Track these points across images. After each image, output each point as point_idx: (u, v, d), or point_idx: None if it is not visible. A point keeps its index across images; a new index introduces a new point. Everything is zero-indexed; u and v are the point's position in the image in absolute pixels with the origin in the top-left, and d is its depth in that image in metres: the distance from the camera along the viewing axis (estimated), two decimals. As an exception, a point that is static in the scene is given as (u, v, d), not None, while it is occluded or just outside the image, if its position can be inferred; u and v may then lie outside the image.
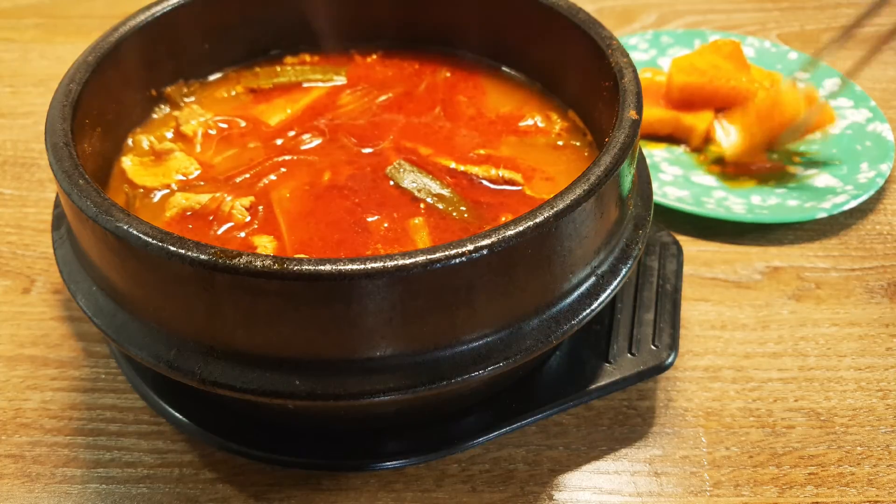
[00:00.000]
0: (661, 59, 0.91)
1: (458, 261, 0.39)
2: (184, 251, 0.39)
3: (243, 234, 0.51)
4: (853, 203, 0.71)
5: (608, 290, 0.47)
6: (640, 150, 0.54)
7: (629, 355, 0.56)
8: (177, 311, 0.43)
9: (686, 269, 0.68)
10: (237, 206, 0.53)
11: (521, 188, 0.55)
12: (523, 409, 0.55)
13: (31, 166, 0.80)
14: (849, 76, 0.80)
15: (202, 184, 0.56)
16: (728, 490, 0.53)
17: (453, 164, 0.57)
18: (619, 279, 0.48)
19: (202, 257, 0.39)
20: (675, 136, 0.81)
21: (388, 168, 0.56)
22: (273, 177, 0.56)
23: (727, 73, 0.80)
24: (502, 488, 0.53)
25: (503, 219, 0.53)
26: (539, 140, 0.60)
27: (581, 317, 0.46)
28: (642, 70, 0.85)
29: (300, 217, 0.52)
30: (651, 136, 0.81)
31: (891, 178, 0.78)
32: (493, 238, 0.40)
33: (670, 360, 0.55)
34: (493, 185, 0.56)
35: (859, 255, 0.71)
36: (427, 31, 0.67)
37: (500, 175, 0.56)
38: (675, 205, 0.72)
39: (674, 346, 0.56)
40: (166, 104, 0.62)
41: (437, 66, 0.67)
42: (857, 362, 0.62)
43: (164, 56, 0.61)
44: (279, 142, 0.59)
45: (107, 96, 0.55)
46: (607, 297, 0.47)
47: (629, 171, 0.49)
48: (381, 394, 0.42)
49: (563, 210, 0.42)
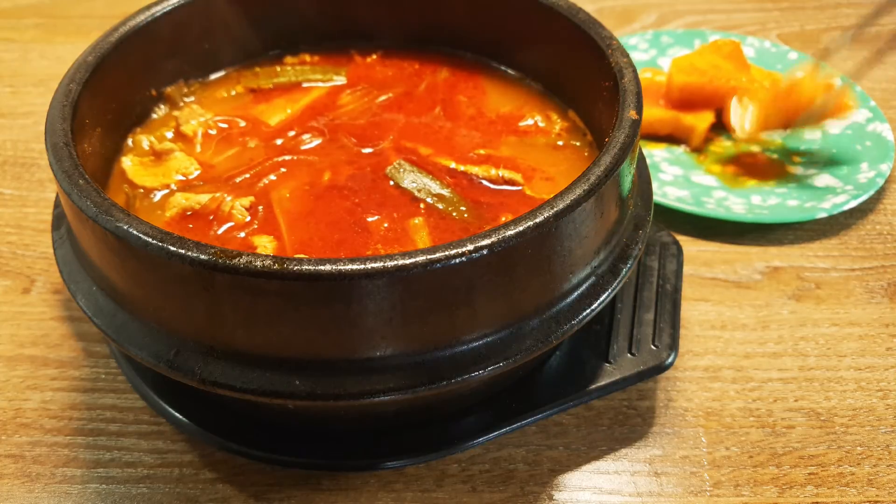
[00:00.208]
0: (661, 59, 0.91)
1: (458, 261, 0.39)
2: (184, 251, 0.39)
3: (243, 234, 0.51)
4: (853, 203, 0.71)
5: (608, 290, 0.47)
6: (640, 150, 0.54)
7: (629, 355, 0.56)
8: (177, 311, 0.43)
9: (686, 269, 0.68)
10: (237, 206, 0.53)
11: (521, 188, 0.55)
12: (523, 409, 0.55)
13: (31, 166, 0.80)
14: (854, 78, 0.79)
15: (202, 184, 0.56)
16: (728, 490, 0.53)
17: (453, 164, 0.57)
18: (619, 279, 0.48)
19: (202, 257, 0.39)
20: (676, 136, 0.81)
21: (388, 168, 0.56)
22: (273, 177, 0.56)
23: (727, 73, 0.80)
24: (502, 488, 0.53)
25: (503, 219, 0.53)
26: (539, 140, 0.60)
27: (581, 317, 0.46)
28: (642, 70, 0.85)
29: (300, 217, 0.52)
30: (651, 136, 0.81)
31: (891, 178, 0.78)
32: (493, 238, 0.40)
33: (670, 360, 0.55)
34: (493, 185, 0.56)
35: (859, 255, 0.71)
36: (427, 31, 0.67)
37: (500, 175, 0.56)
38: (676, 205, 0.72)
39: (674, 346, 0.56)
40: (166, 104, 0.62)
41: (437, 66, 0.67)
42: (857, 362, 0.62)
43: (164, 56, 0.61)
44: (279, 142, 0.59)
45: (107, 96, 0.55)
46: (607, 297, 0.47)
47: (629, 171, 0.49)
48: (381, 394, 0.42)
49: (563, 210, 0.42)
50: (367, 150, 0.58)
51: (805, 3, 1.08)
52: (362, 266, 0.38)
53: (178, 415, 0.54)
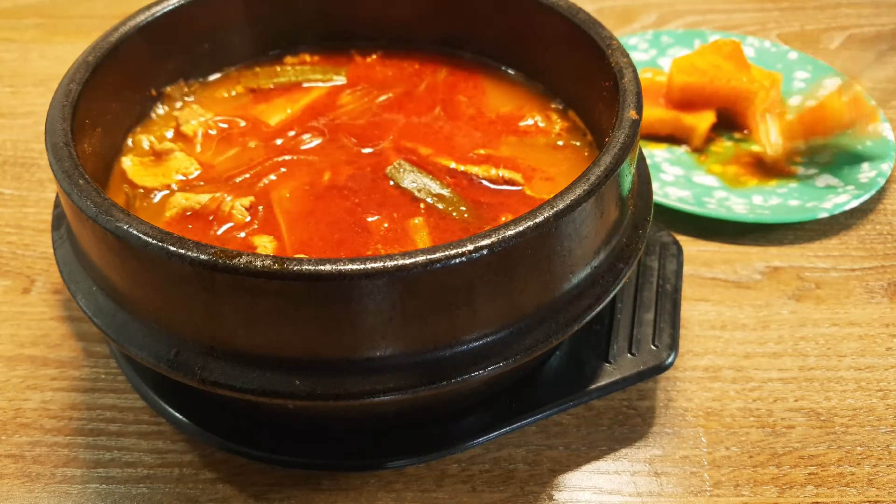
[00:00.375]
0: (661, 59, 0.91)
1: (458, 261, 0.39)
2: (184, 251, 0.39)
3: (243, 234, 0.51)
4: (854, 203, 0.71)
5: (608, 290, 0.47)
6: (640, 150, 0.54)
7: (629, 355, 0.56)
8: (177, 311, 0.43)
9: (686, 269, 0.68)
10: (237, 206, 0.53)
11: (521, 188, 0.55)
12: (523, 409, 0.55)
13: (31, 166, 0.80)
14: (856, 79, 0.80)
15: (202, 184, 0.56)
16: (728, 490, 0.53)
17: (453, 164, 0.57)
18: (619, 279, 0.48)
19: (202, 257, 0.39)
20: (676, 137, 0.81)
21: (388, 168, 0.56)
22: (273, 177, 0.56)
23: (728, 73, 0.80)
24: (502, 488, 0.53)
25: (503, 219, 0.53)
26: (539, 140, 0.60)
27: (581, 317, 0.46)
28: (642, 70, 0.85)
29: (300, 217, 0.52)
30: (652, 137, 0.81)
31: (891, 178, 0.78)
32: (493, 238, 0.40)
33: (670, 360, 0.55)
34: (493, 185, 0.56)
35: (859, 255, 0.71)
36: (427, 31, 0.67)
37: (500, 175, 0.56)
38: (677, 205, 0.72)
39: (674, 346, 0.56)
40: (166, 104, 0.62)
41: (437, 66, 0.67)
42: (857, 362, 0.62)
43: (164, 56, 0.61)
44: (279, 142, 0.59)
45: (107, 96, 0.55)
46: (607, 297, 0.47)
47: (629, 171, 0.49)
48: (381, 394, 0.42)
49: (563, 210, 0.42)
50: (367, 150, 0.58)
51: (805, 3, 1.08)
52: (362, 266, 0.38)
53: (178, 415, 0.54)
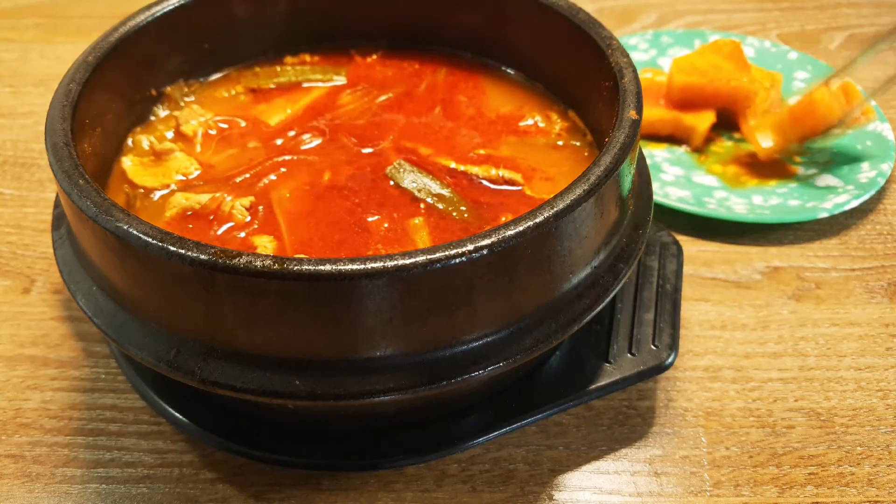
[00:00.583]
0: (661, 59, 0.91)
1: (458, 261, 0.39)
2: (184, 251, 0.39)
3: (243, 234, 0.51)
4: (854, 203, 0.71)
5: (608, 290, 0.47)
6: (640, 150, 0.54)
7: (629, 355, 0.56)
8: (177, 311, 0.43)
9: (686, 269, 0.68)
10: (237, 206, 0.53)
11: (521, 188, 0.55)
12: (523, 409, 0.55)
13: (31, 166, 0.80)
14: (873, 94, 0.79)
15: (202, 184, 0.56)
16: (728, 490, 0.53)
17: (453, 164, 0.57)
18: (619, 279, 0.48)
19: (202, 257, 0.39)
20: (676, 137, 0.81)
21: (388, 168, 0.56)
22: (273, 177, 0.56)
23: (728, 73, 0.79)
24: (502, 488, 0.53)
25: (503, 219, 0.53)
26: (539, 140, 0.60)
27: (581, 317, 0.46)
28: (642, 70, 0.85)
29: (300, 217, 0.52)
30: (652, 137, 0.81)
31: (891, 178, 0.78)
32: (493, 238, 0.40)
33: (670, 360, 0.55)
34: (493, 185, 0.56)
35: (859, 255, 0.71)
36: (427, 31, 0.67)
37: (500, 175, 0.56)
38: (677, 205, 0.72)
39: (674, 346, 0.56)
40: (166, 104, 0.62)
41: (437, 66, 0.67)
42: (857, 362, 0.62)
43: (164, 56, 0.61)
44: (279, 142, 0.59)
45: (107, 96, 0.55)
46: (607, 297, 0.47)
47: (629, 171, 0.49)
48: (381, 394, 0.42)
49: (563, 210, 0.42)
50: (367, 150, 0.58)
51: (805, 3, 1.08)
52: (362, 266, 0.38)
53: (178, 415, 0.54)
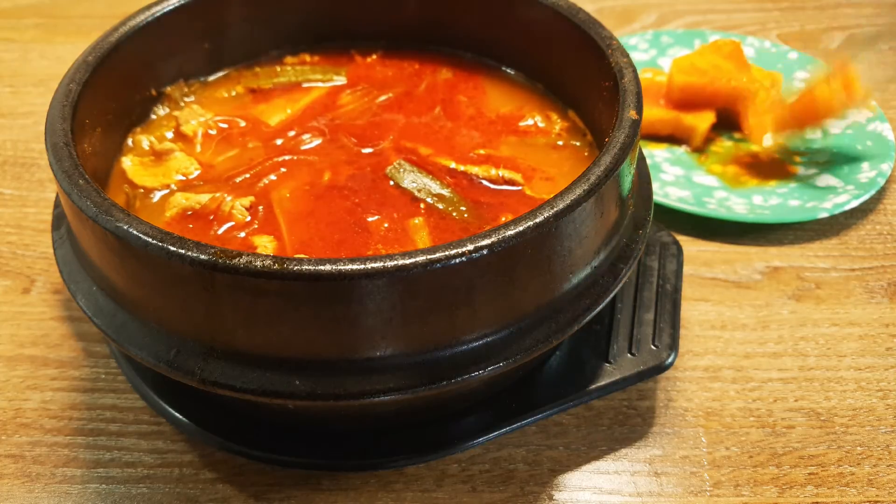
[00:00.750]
0: (661, 59, 0.91)
1: (458, 261, 0.39)
2: (184, 251, 0.39)
3: (243, 234, 0.51)
4: (854, 203, 0.71)
5: (608, 290, 0.47)
6: (640, 150, 0.54)
7: (629, 355, 0.56)
8: (177, 311, 0.43)
9: (686, 269, 0.68)
10: (237, 206, 0.53)
11: (521, 188, 0.55)
12: (523, 409, 0.55)
13: (31, 166, 0.80)
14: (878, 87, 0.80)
15: (202, 184, 0.56)
16: (728, 490, 0.53)
17: (453, 164, 0.57)
18: (619, 279, 0.48)
19: (202, 257, 0.39)
20: (677, 137, 0.81)
21: (388, 168, 0.56)
22: (273, 177, 0.56)
23: (728, 73, 0.79)
24: (502, 488, 0.53)
25: (503, 219, 0.53)
26: (539, 140, 0.60)
27: (581, 317, 0.46)
28: (642, 70, 0.85)
29: (300, 217, 0.52)
30: (652, 137, 0.81)
31: (891, 178, 0.78)
32: (493, 238, 0.40)
33: (670, 360, 0.55)
34: (493, 185, 0.56)
35: (859, 255, 0.71)
36: (427, 31, 0.67)
37: (500, 175, 0.56)
38: (677, 205, 0.72)
39: (674, 346, 0.56)
40: (166, 104, 0.62)
41: (437, 66, 0.67)
42: (857, 362, 0.62)
43: (164, 56, 0.61)
44: (279, 142, 0.59)
45: (107, 96, 0.55)
46: (607, 297, 0.47)
47: (629, 171, 0.49)
48: (381, 394, 0.42)
49: (563, 210, 0.42)
50: (367, 150, 0.58)
51: (805, 3, 1.08)
52: (362, 266, 0.38)
53: (178, 415, 0.54)
